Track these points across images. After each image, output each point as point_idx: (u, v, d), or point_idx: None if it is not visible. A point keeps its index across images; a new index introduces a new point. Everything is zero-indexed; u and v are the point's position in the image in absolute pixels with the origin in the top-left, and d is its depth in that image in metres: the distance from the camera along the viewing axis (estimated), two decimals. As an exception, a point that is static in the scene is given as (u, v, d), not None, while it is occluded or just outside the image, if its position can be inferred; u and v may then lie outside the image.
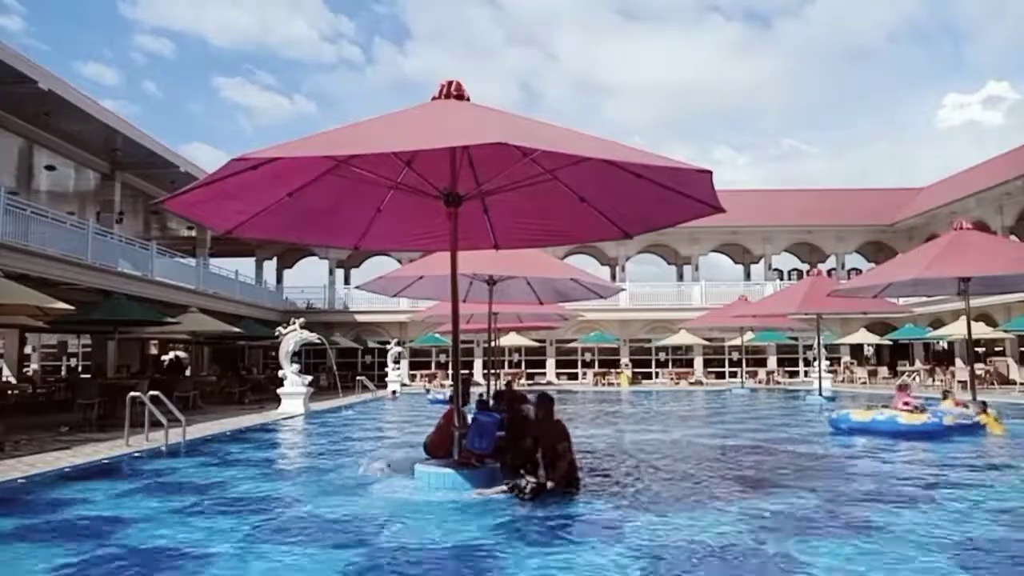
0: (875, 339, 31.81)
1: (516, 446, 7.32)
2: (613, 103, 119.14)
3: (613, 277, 35.80)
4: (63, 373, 33.28)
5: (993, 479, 7.41)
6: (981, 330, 24.70)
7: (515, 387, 14.55)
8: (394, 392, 25.81)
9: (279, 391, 17.25)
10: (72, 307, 13.33)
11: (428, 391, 25.60)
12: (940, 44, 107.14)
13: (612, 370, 33.48)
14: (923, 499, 6.31)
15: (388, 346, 30.32)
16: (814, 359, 29.99)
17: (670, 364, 35.76)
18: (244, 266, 33.35)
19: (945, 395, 12.80)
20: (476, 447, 6.86)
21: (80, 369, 32.90)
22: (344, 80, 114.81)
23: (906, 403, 11.36)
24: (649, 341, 34.95)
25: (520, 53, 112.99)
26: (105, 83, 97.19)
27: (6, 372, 26.83)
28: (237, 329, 22.05)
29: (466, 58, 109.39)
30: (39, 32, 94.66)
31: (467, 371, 33.23)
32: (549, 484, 6.16)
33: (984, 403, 11.76)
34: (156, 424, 9.98)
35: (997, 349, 29.45)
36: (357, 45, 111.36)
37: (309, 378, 17.78)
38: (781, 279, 36.53)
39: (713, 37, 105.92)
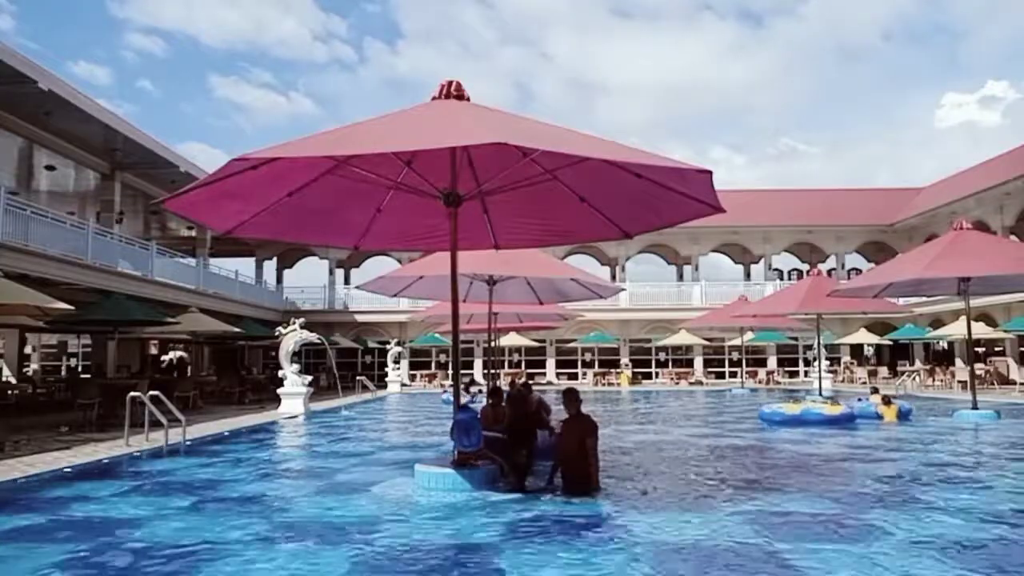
0: (875, 339, 31.80)
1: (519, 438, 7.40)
2: (608, 102, 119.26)
3: (613, 277, 35.78)
4: (63, 373, 33.28)
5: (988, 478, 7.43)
6: (981, 330, 24.68)
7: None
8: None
9: (279, 391, 17.26)
10: (72, 307, 13.33)
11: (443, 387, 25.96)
12: (937, 43, 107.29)
13: (612, 370, 33.47)
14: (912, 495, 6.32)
15: (388, 346, 30.34)
16: (814, 359, 30.00)
17: (670, 364, 35.75)
18: (244, 266, 33.41)
19: (874, 391, 14.99)
20: (465, 445, 6.91)
21: (80, 369, 32.90)
22: (338, 79, 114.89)
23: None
24: (649, 341, 34.95)
25: (514, 53, 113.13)
26: (98, 83, 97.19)
27: (6, 372, 26.83)
28: (237, 329, 22.04)
29: (460, 58, 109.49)
30: (30, 31, 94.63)
31: (469, 373, 33.24)
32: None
33: (887, 397, 14.22)
34: (156, 424, 9.98)
35: (997, 349, 29.44)
36: (349, 44, 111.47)
37: (309, 378, 17.78)
38: (781, 279, 36.52)
39: (708, 36, 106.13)
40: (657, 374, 35.43)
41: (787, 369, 35.07)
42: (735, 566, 4.30)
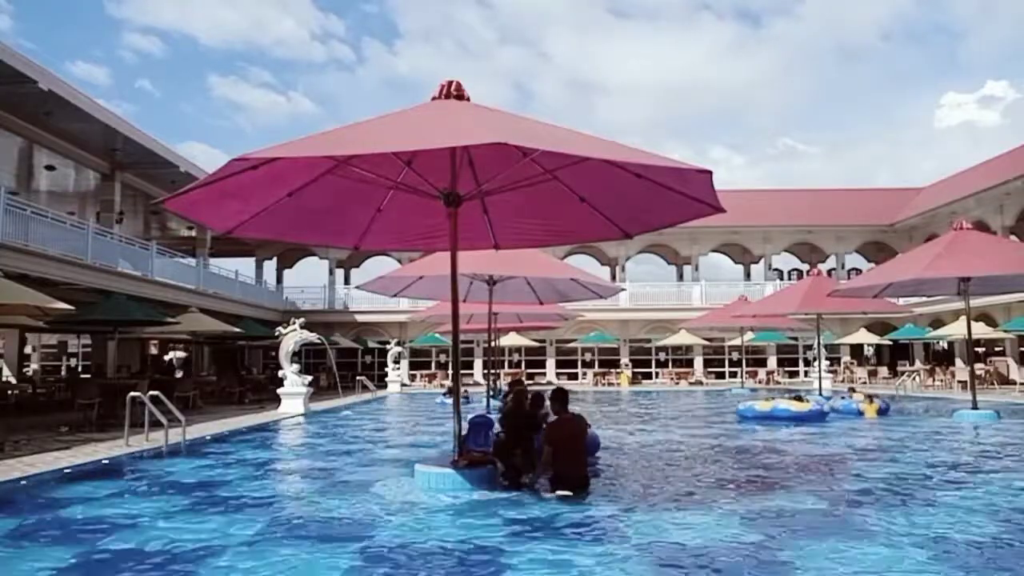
0: (875, 339, 31.81)
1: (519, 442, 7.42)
2: (608, 102, 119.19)
3: (613, 277, 35.79)
4: (63, 373, 33.28)
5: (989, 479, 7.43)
6: (981, 330, 24.69)
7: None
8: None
9: (279, 391, 17.25)
10: (72, 307, 13.32)
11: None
12: (937, 43, 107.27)
13: (612, 370, 33.45)
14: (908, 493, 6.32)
15: (388, 346, 30.34)
16: (814, 359, 30.02)
17: (670, 364, 35.75)
18: (244, 266, 33.41)
19: (852, 390, 16.22)
20: (476, 445, 6.96)
21: (80, 369, 32.89)
22: (337, 79, 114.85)
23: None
24: (649, 341, 34.95)
25: (513, 52, 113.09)
26: (96, 83, 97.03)
27: (6, 372, 26.83)
28: (237, 329, 22.05)
29: (459, 58, 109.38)
30: (27, 31, 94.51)
31: (469, 373, 33.20)
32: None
33: (871, 396, 15.38)
34: (156, 424, 9.98)
35: (997, 349, 29.44)
36: (347, 44, 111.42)
37: (309, 378, 17.77)
38: (781, 279, 36.53)
39: (707, 36, 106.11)
40: (657, 374, 35.44)
41: (787, 369, 35.07)
42: (734, 565, 4.31)
